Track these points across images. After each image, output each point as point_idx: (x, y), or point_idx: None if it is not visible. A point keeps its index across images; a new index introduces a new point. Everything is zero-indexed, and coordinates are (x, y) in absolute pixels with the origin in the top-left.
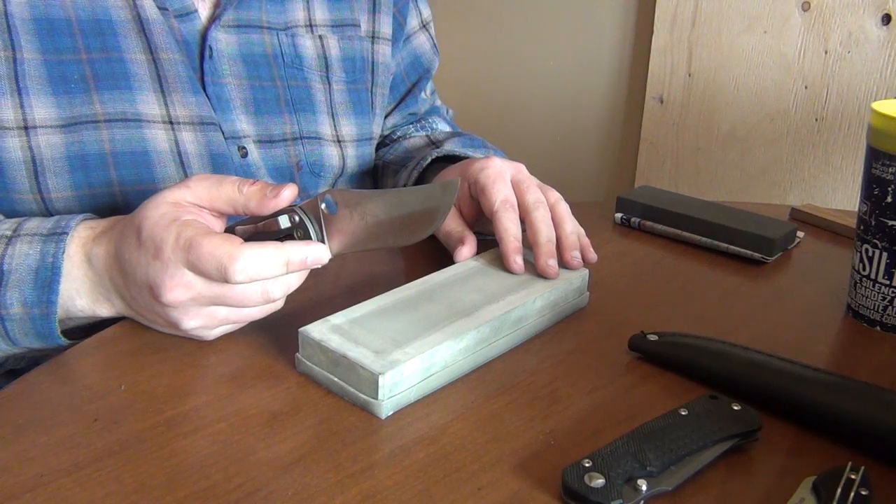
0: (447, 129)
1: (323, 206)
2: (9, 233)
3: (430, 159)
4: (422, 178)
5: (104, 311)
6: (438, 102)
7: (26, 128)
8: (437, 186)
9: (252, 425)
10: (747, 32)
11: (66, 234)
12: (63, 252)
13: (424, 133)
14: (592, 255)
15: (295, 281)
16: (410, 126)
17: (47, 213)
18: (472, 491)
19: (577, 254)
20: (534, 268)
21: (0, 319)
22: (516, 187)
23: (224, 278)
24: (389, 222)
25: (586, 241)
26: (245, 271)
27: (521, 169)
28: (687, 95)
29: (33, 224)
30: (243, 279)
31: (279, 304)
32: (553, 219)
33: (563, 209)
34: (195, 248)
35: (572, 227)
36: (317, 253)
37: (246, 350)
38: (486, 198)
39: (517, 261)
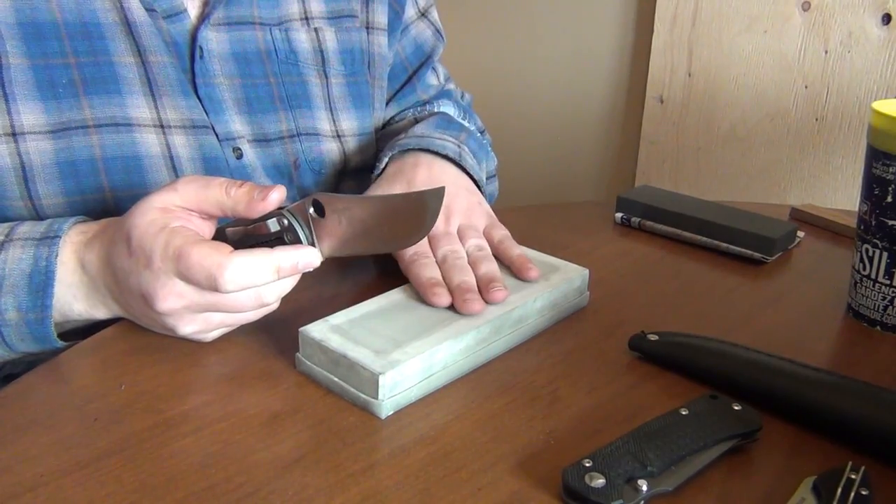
0: (451, 109)
1: (311, 210)
2: (1, 238)
3: (385, 160)
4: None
5: (101, 314)
6: (451, 86)
7: (14, 134)
8: (423, 194)
9: (252, 425)
10: (747, 32)
11: (59, 237)
12: (56, 256)
13: (413, 116)
14: (530, 274)
15: (288, 285)
16: (410, 110)
17: (39, 219)
18: (472, 491)
19: (497, 285)
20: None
21: (1, 326)
22: (431, 237)
23: (214, 288)
24: (377, 228)
25: (520, 260)
26: (234, 281)
27: (453, 203)
28: (687, 95)
29: (26, 228)
30: (233, 288)
31: (274, 307)
32: (471, 259)
33: (480, 245)
34: (184, 258)
35: (486, 268)
36: (308, 257)
37: (246, 350)
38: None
39: (436, 293)
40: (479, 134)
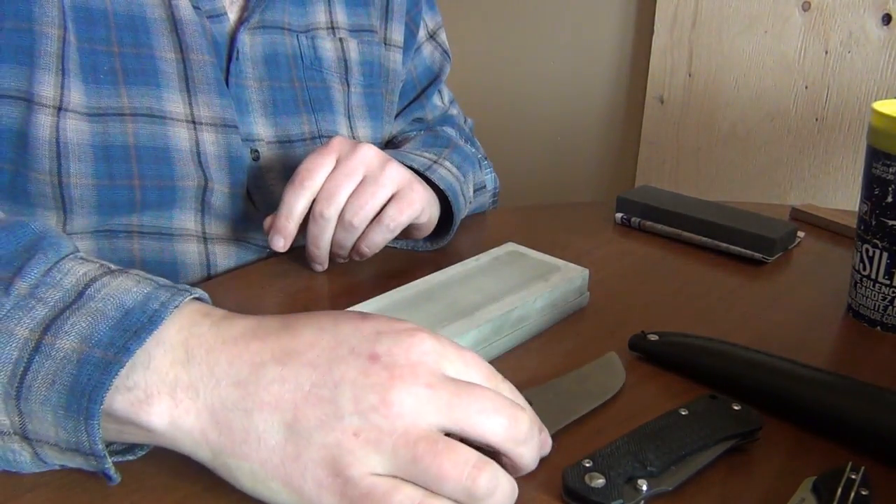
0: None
1: None
2: (115, 267)
3: None
4: None
5: (160, 410)
6: (455, 111)
7: (60, 108)
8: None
9: None
10: (747, 32)
11: (189, 292)
12: (177, 307)
13: (415, 135)
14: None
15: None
16: (414, 132)
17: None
18: None
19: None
20: (532, 268)
21: (34, 349)
22: (329, 180)
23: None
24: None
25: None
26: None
27: (352, 156)
28: (687, 95)
29: (149, 276)
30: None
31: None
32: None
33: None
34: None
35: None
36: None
37: None
38: None
39: (275, 239)
40: (479, 155)
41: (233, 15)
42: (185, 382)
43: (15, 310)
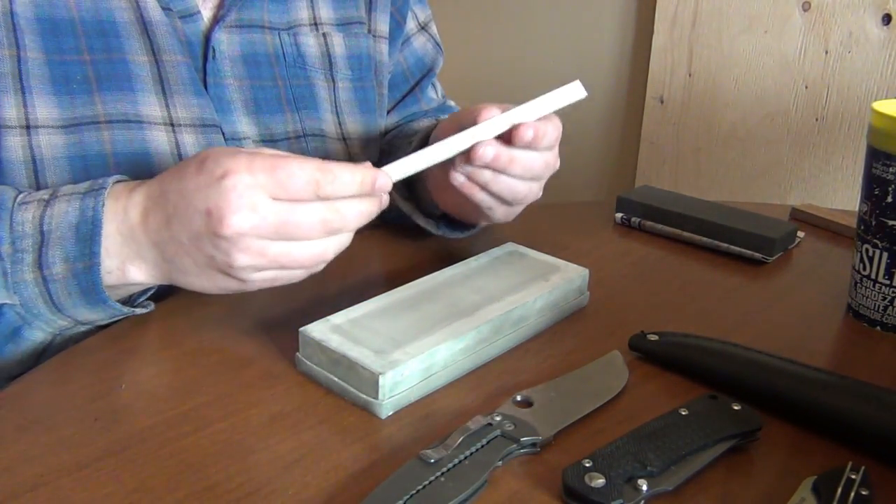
0: None
1: (517, 398)
2: (46, 196)
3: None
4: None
5: (134, 271)
6: (451, 102)
7: (28, 127)
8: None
9: (252, 425)
10: (747, 32)
11: (105, 188)
12: (103, 204)
13: (433, 118)
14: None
15: (346, 239)
16: (418, 118)
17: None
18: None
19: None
20: (532, 268)
21: (44, 281)
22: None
23: (315, 191)
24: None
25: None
26: (341, 179)
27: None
28: (687, 95)
29: (69, 187)
30: (337, 190)
31: (329, 250)
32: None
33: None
34: (282, 165)
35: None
36: (382, 179)
37: (246, 350)
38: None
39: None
40: None
41: (207, 13)
42: (133, 253)
43: (13, 265)
